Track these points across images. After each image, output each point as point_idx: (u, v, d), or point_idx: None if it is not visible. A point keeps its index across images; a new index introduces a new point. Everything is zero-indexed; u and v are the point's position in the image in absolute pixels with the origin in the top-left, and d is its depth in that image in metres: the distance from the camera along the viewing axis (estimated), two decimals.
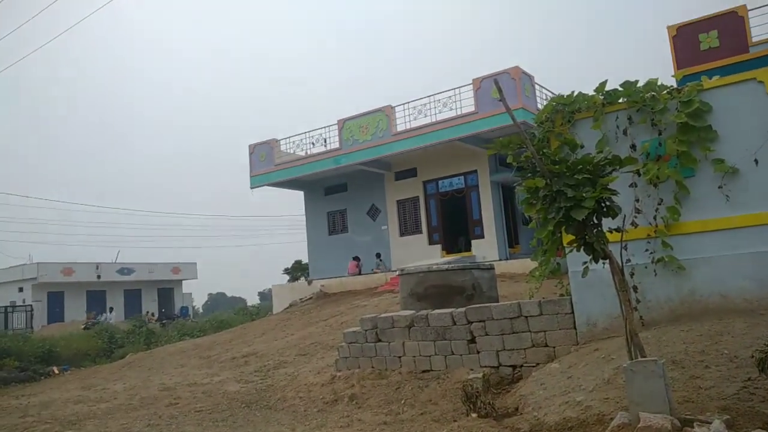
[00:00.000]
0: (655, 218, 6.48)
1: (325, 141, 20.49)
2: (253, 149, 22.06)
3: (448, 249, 19.40)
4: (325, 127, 20.44)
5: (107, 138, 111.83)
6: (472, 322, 7.29)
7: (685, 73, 7.87)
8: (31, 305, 37.55)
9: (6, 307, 37.03)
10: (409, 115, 18.40)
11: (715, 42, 11.60)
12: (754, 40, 11.54)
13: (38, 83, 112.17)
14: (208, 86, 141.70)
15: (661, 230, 6.42)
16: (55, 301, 39.09)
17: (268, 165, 21.59)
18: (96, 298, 40.63)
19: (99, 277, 40.38)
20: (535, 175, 5.66)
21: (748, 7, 11.68)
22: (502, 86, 5.58)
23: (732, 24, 11.52)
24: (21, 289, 39.03)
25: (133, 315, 33.95)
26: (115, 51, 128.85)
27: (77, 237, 62.87)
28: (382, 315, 8.33)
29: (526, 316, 7.01)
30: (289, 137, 21.61)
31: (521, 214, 18.72)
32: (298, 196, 23.48)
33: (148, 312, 38.31)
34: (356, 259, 20.22)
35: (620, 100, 6.83)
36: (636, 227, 6.50)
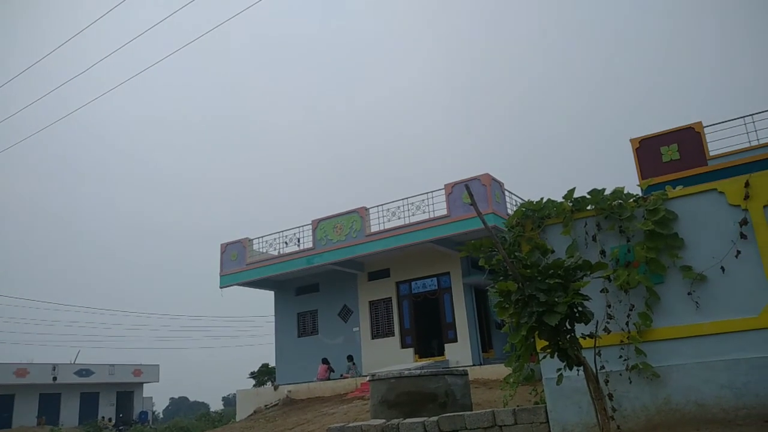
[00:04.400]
0: (627, 324, 6.46)
1: (299, 240, 20.46)
2: (225, 248, 21.88)
3: (421, 353, 18.98)
4: (299, 227, 20.50)
5: (68, 234, 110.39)
6: None
7: (650, 183, 8.16)
8: None
9: None
10: (383, 216, 18.64)
11: (676, 155, 12.22)
12: (711, 153, 12.18)
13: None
14: (175, 183, 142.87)
15: (633, 336, 6.38)
16: (5, 405, 36.69)
17: (240, 264, 21.34)
18: (49, 402, 38.27)
19: (55, 378, 38.28)
20: (507, 278, 5.66)
21: (704, 124, 12.43)
22: (472, 191, 5.69)
23: (690, 138, 12.20)
24: None
25: (88, 420, 31.94)
26: (81, 138, 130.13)
27: (33, 336, 60.17)
28: (351, 424, 7.93)
29: (501, 425, 6.73)
30: (262, 237, 21.57)
31: (494, 318, 18.64)
32: (269, 297, 23.08)
33: (104, 417, 36.12)
34: (325, 362, 19.59)
35: (588, 207, 7.01)
36: (609, 333, 6.45)
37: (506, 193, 18.02)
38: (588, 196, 7.03)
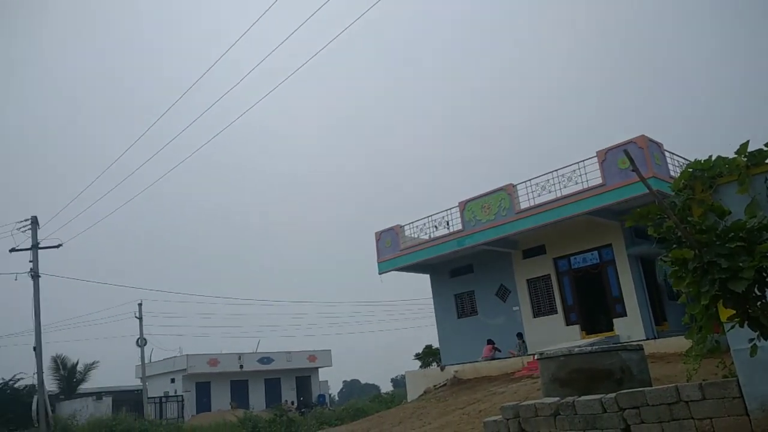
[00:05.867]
0: None
1: (448, 223, 20.64)
2: (379, 236, 22.68)
3: (588, 329, 18.31)
4: (446, 210, 20.65)
5: (247, 241, 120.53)
6: (624, 409, 6.74)
7: None
8: (182, 395, 40.04)
9: (160, 397, 39.76)
10: (532, 191, 18.17)
11: None
12: None
13: (182, 193, 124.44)
14: (331, 179, 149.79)
15: None
16: (203, 391, 41.37)
17: (394, 250, 22.02)
18: (239, 388, 42.52)
19: (242, 366, 42.38)
20: (681, 246, 5.33)
21: None
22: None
23: None
24: (173, 380, 41.83)
25: (274, 404, 34.97)
26: (244, 148, 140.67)
27: (221, 329, 67.05)
28: (524, 403, 7.95)
29: (687, 401, 6.37)
30: (413, 222, 22.02)
31: (666, 288, 17.43)
32: (425, 280, 23.58)
33: (287, 401, 39.30)
34: (491, 342, 19.63)
35: (767, 161, 6.34)
36: None
37: (666, 154, 16.72)
38: (765, 148, 6.36)
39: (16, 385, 40.19)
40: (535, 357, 12.86)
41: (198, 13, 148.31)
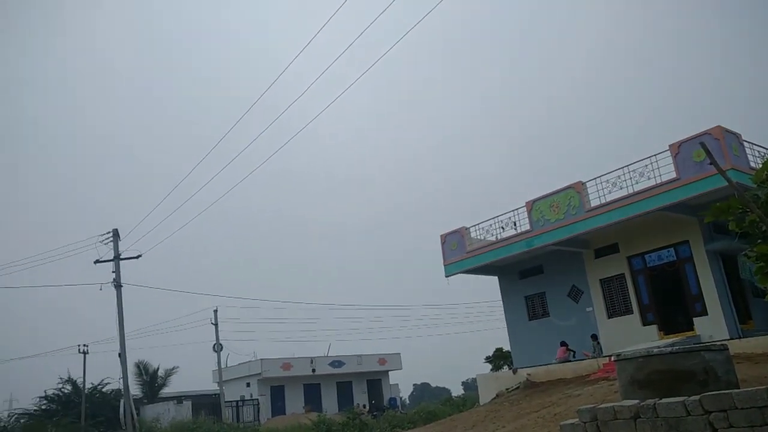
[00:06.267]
0: None
1: (515, 224, 20.37)
2: (444, 239, 22.61)
3: (666, 329, 17.62)
4: (513, 210, 20.39)
5: (317, 246, 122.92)
6: (710, 412, 6.49)
7: None
8: (257, 399, 41.22)
9: (237, 401, 41.07)
10: (602, 189, 17.70)
11: None
12: None
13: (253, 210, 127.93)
14: (393, 184, 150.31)
15: None
16: (277, 395, 42.44)
17: (460, 253, 21.90)
18: (312, 391, 43.36)
19: (314, 370, 43.20)
20: (766, 241, 5.11)
21: None
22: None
23: None
24: (248, 384, 43.11)
25: (346, 407, 35.47)
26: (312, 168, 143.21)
27: (292, 333, 68.60)
28: (602, 405, 7.78)
29: None
30: (478, 224, 21.84)
31: (751, 285, 16.57)
32: (492, 282, 23.35)
33: (359, 404, 39.77)
34: (564, 344, 19.23)
35: None
36: None
37: (745, 144, 15.92)
38: None
39: (104, 390, 42.57)
40: (612, 358, 12.53)
41: (252, 26, 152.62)
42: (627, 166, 17.08)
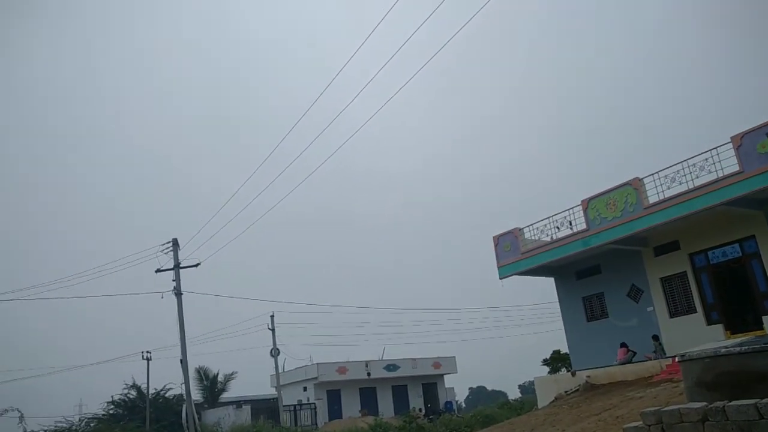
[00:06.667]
0: None
1: (570, 223, 19.98)
2: (497, 240, 22.37)
3: (732, 328, 16.92)
4: (568, 210, 20.01)
5: (372, 249, 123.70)
6: None
7: None
8: (314, 403, 41.70)
9: (294, 405, 41.67)
10: (660, 184, 17.16)
11: None
12: None
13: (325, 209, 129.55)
14: (449, 182, 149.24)
15: None
16: (334, 399, 42.81)
17: (515, 254, 21.62)
18: (368, 395, 43.55)
19: (369, 374, 43.38)
20: None
21: None
22: None
23: None
24: (305, 389, 43.68)
25: (402, 411, 35.49)
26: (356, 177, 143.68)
27: (345, 337, 69.16)
28: (667, 408, 7.54)
29: None
30: (532, 224, 21.52)
31: None
32: (547, 283, 22.96)
33: (414, 407, 39.69)
34: (624, 345, 18.72)
35: None
36: None
37: None
38: None
39: (166, 395, 43.98)
40: (676, 359, 12.13)
41: (306, 31, 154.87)
42: (686, 160, 16.53)
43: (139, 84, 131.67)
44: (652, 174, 17.38)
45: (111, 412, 42.33)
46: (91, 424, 34.63)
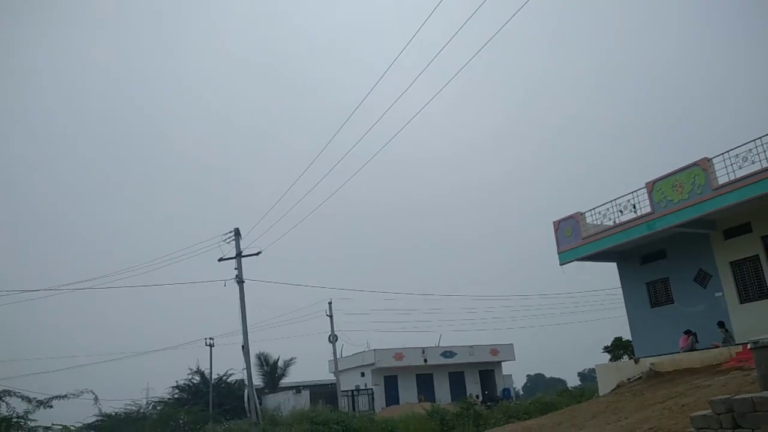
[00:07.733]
0: None
1: (634, 207, 19.27)
2: (558, 225, 21.83)
3: None
4: (632, 192, 19.28)
5: (428, 236, 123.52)
6: None
7: None
8: (371, 389, 42.10)
9: (352, 391, 42.20)
10: (731, 164, 16.30)
11: None
12: None
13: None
14: (508, 172, 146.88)
15: None
16: (391, 385, 43.09)
17: (576, 239, 21.05)
18: (425, 381, 43.62)
19: (425, 360, 43.41)
20: None
21: None
22: None
23: None
24: (362, 374, 44.12)
25: (459, 397, 35.36)
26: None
27: (404, 323, 69.44)
28: (738, 396, 7.18)
29: None
30: (594, 208, 20.88)
31: None
32: (608, 268, 22.27)
33: (471, 394, 39.49)
34: (688, 332, 17.99)
35: None
36: None
37: None
38: None
39: (228, 380, 45.38)
40: (748, 346, 11.55)
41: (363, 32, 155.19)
42: (759, 138, 15.63)
43: (207, 76, 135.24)
44: (722, 153, 16.53)
45: (176, 396, 44.12)
46: (158, 408, 36.18)
